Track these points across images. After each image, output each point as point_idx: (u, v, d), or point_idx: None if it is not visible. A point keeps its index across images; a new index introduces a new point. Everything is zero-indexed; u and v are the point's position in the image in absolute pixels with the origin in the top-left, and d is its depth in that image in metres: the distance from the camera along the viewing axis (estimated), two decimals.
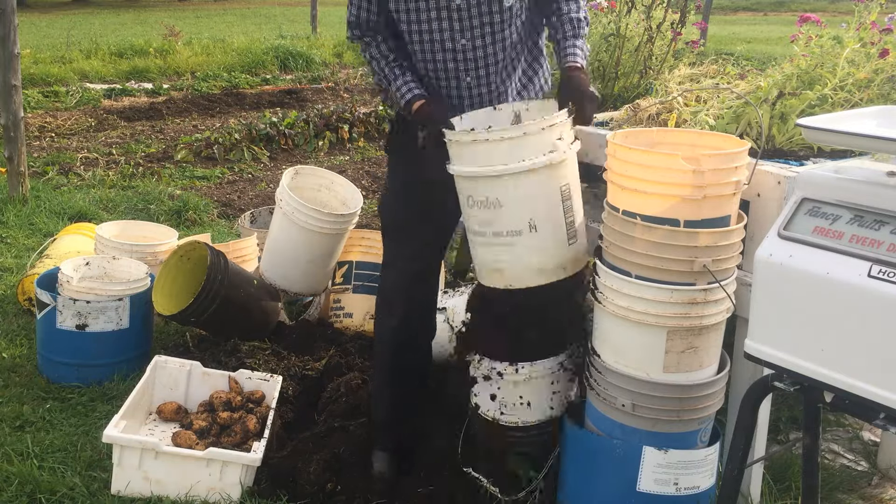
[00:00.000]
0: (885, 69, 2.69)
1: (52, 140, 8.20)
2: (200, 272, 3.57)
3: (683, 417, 2.28)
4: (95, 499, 2.71)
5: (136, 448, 2.70)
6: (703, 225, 2.13)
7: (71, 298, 3.39)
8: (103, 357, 3.47)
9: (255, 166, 7.47)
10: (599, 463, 2.39)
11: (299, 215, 3.84)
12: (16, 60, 5.66)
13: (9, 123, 5.70)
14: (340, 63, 13.90)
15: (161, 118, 9.45)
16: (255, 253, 4.31)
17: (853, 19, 2.79)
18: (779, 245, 1.73)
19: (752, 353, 1.79)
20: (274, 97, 10.71)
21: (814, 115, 2.20)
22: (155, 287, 3.60)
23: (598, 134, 2.87)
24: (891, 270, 1.56)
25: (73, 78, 11.22)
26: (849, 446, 3.15)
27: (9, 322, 4.02)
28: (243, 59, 13.00)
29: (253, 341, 3.69)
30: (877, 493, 2.86)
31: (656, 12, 3.41)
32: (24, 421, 3.16)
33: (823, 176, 1.74)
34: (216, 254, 3.60)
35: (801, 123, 1.76)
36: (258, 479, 2.79)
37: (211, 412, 3.08)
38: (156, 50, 13.11)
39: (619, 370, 2.30)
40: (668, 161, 2.11)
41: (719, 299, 2.21)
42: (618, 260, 2.26)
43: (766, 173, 2.33)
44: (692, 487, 2.33)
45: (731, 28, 20.64)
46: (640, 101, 3.01)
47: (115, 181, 6.70)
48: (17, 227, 5.37)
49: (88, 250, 4.09)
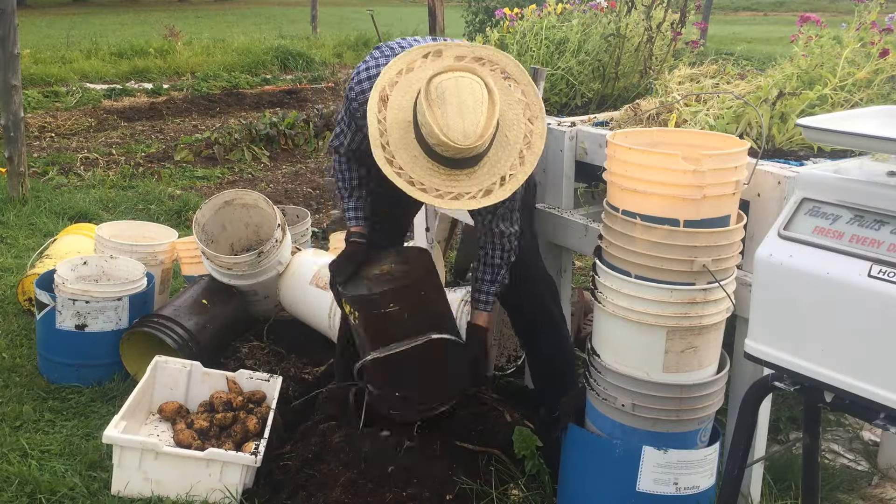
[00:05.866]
0: (885, 69, 2.69)
1: (52, 140, 8.20)
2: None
3: (683, 417, 2.28)
4: (95, 499, 2.71)
5: (136, 448, 2.70)
6: (703, 225, 2.14)
7: (70, 298, 3.38)
8: (103, 357, 3.46)
9: (255, 166, 7.47)
10: (599, 463, 2.39)
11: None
12: (16, 60, 5.67)
13: (9, 123, 5.70)
14: (340, 63, 13.92)
15: (161, 118, 9.45)
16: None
17: (853, 19, 2.79)
18: (779, 245, 1.73)
19: (752, 353, 1.79)
20: (274, 97, 10.72)
21: (814, 115, 2.20)
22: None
23: (598, 134, 2.88)
24: (891, 270, 1.55)
25: (73, 78, 11.23)
26: (849, 446, 3.15)
27: (9, 322, 4.02)
28: (243, 59, 13.02)
29: (253, 342, 3.69)
30: (877, 493, 2.86)
31: (656, 12, 3.40)
32: (24, 421, 3.16)
33: (823, 176, 1.74)
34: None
35: (801, 123, 1.76)
36: (258, 479, 2.79)
37: (211, 412, 3.07)
38: (156, 50, 13.13)
39: (619, 370, 2.30)
40: (667, 161, 2.11)
41: (719, 299, 2.21)
42: (617, 260, 2.26)
43: (766, 173, 2.34)
44: (692, 487, 2.33)
45: (731, 28, 20.66)
46: (640, 101, 3.01)
47: (116, 181, 6.71)
48: (17, 227, 5.37)
49: (88, 250, 4.09)
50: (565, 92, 3.34)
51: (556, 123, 3.00)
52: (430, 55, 2.35)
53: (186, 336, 3.47)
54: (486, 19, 13.91)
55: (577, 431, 2.47)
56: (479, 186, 2.27)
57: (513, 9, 3.69)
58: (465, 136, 2.16)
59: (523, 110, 2.31)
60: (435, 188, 2.26)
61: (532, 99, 2.32)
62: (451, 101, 2.16)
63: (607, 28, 3.36)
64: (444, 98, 2.16)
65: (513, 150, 2.29)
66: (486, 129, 2.17)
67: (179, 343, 3.42)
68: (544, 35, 3.39)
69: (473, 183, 2.27)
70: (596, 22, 3.46)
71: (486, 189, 2.27)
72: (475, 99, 2.16)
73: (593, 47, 3.33)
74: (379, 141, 2.27)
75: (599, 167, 2.42)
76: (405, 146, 2.27)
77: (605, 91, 3.41)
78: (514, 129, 2.30)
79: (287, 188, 6.70)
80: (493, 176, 2.28)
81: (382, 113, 2.28)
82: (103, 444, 2.80)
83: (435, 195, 2.26)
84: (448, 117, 2.16)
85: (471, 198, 2.26)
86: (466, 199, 2.26)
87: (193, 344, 3.46)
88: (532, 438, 2.71)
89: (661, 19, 3.42)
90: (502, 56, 2.35)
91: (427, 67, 2.32)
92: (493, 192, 2.27)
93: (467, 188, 2.26)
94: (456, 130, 2.15)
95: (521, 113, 2.31)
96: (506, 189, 2.28)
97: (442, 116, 2.16)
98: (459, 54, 2.36)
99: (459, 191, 2.26)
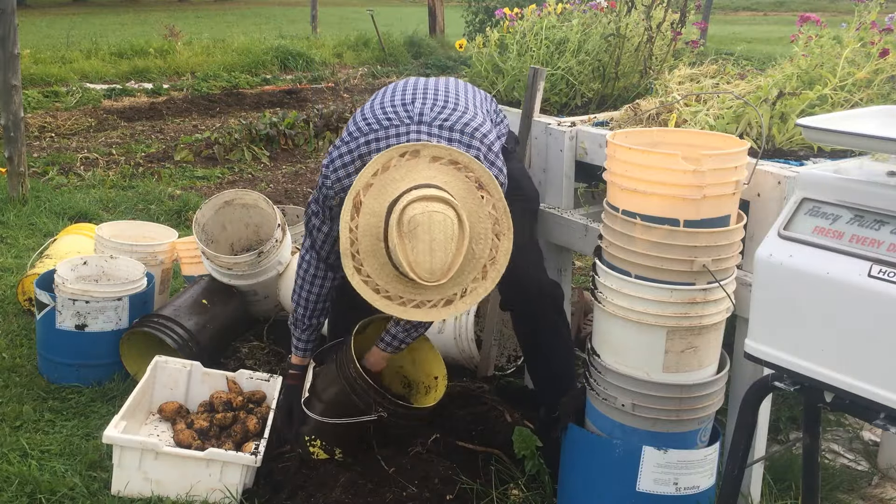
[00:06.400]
0: (885, 69, 2.69)
1: (52, 140, 8.20)
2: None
3: (683, 417, 2.29)
4: (95, 499, 2.71)
5: (136, 448, 2.70)
6: (703, 225, 2.14)
7: (70, 298, 3.38)
8: (103, 357, 3.46)
9: (255, 166, 7.46)
10: (599, 463, 2.39)
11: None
12: (16, 60, 5.67)
13: (9, 123, 5.70)
14: (340, 63, 13.92)
15: (161, 118, 9.45)
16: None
17: (853, 19, 2.79)
18: (779, 245, 1.73)
19: (752, 353, 1.79)
20: (274, 97, 10.71)
21: (814, 115, 2.20)
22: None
23: (598, 134, 2.88)
24: (891, 270, 1.55)
25: (73, 78, 11.22)
26: (849, 446, 3.15)
27: (9, 322, 4.02)
28: (243, 59, 13.01)
29: (252, 342, 3.69)
30: (877, 493, 2.86)
31: (656, 12, 3.40)
32: (24, 421, 3.16)
33: (823, 176, 1.74)
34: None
35: (801, 123, 1.76)
36: (258, 479, 2.79)
37: (211, 412, 3.07)
38: (156, 50, 13.12)
39: (619, 370, 2.30)
40: (667, 161, 2.11)
41: (719, 299, 2.21)
42: (617, 260, 2.26)
43: (766, 173, 2.34)
44: (692, 487, 2.33)
45: (731, 28, 20.67)
46: (640, 101, 3.01)
47: (116, 181, 6.70)
48: (17, 227, 5.36)
49: (88, 250, 4.09)
50: (565, 92, 3.34)
51: (556, 123, 3.01)
52: (406, 155, 2.34)
53: (186, 336, 3.47)
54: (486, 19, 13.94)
55: (577, 431, 2.47)
56: (442, 296, 2.32)
57: (513, 9, 3.69)
58: (431, 273, 2.21)
59: (492, 225, 2.33)
60: (399, 295, 2.32)
61: (501, 215, 2.33)
62: (422, 237, 2.19)
63: (607, 28, 3.36)
64: (415, 234, 2.19)
65: (477, 265, 2.33)
66: (453, 266, 2.23)
67: (179, 343, 3.42)
68: (544, 35, 3.39)
69: (437, 292, 2.31)
70: (596, 22, 3.46)
71: (447, 299, 2.33)
72: (446, 236, 2.20)
73: (593, 47, 3.33)
74: (349, 250, 2.30)
75: (599, 167, 2.42)
76: (374, 253, 2.30)
77: (605, 91, 3.41)
78: (480, 244, 2.33)
79: (287, 188, 6.70)
80: (455, 287, 2.32)
81: (355, 220, 2.29)
82: (103, 444, 2.80)
83: (398, 303, 2.32)
84: (417, 253, 2.20)
85: (432, 306, 2.33)
86: (427, 308, 2.33)
87: (193, 344, 3.46)
88: (532, 438, 2.72)
89: (661, 19, 3.42)
90: (478, 166, 2.34)
91: (402, 168, 2.32)
92: (454, 303, 2.34)
93: (430, 296, 2.32)
94: (423, 268, 2.21)
95: (489, 227, 2.33)
96: (465, 302, 2.34)
97: (412, 251, 2.20)
98: (436, 155, 2.35)
99: (423, 298, 2.32)
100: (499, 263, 2.34)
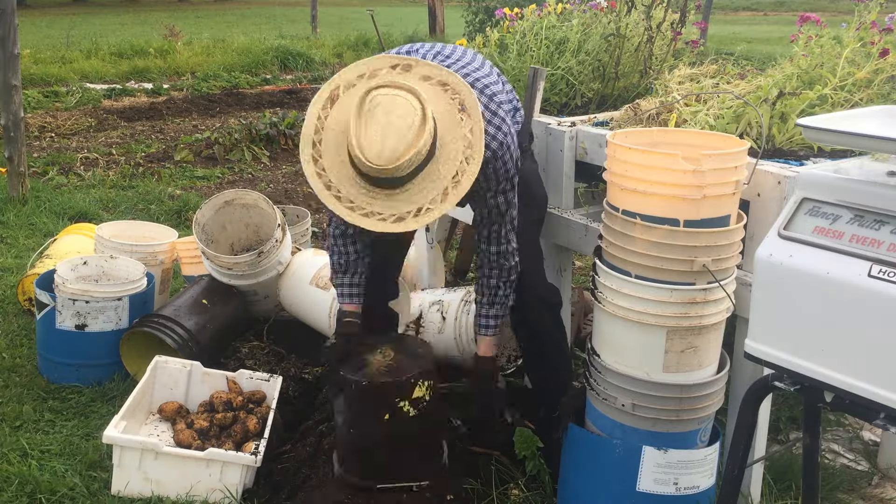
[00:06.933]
0: (885, 69, 2.69)
1: (52, 140, 8.20)
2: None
3: (683, 417, 2.28)
4: (95, 499, 2.71)
5: (136, 448, 2.70)
6: (703, 225, 2.14)
7: (70, 298, 3.38)
8: (103, 357, 3.46)
9: (255, 166, 7.47)
10: (599, 463, 2.39)
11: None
12: (16, 60, 5.67)
13: (9, 123, 5.70)
14: (341, 63, 13.91)
15: (161, 118, 9.45)
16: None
17: (853, 19, 2.79)
18: (779, 245, 1.73)
19: (752, 353, 1.79)
20: (274, 97, 10.72)
21: (814, 115, 2.20)
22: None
23: (598, 134, 2.88)
24: (891, 270, 1.55)
25: (73, 78, 11.23)
26: (849, 446, 3.15)
27: (9, 322, 4.02)
28: (243, 59, 13.02)
29: (253, 342, 3.69)
30: (877, 493, 2.86)
31: (656, 12, 3.40)
32: (24, 421, 3.17)
33: (823, 176, 1.74)
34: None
35: (801, 123, 1.76)
36: (258, 479, 2.79)
37: (211, 412, 3.08)
38: (156, 50, 13.13)
39: (619, 370, 2.30)
40: (667, 161, 2.11)
41: (719, 299, 2.21)
42: (617, 260, 2.26)
43: (766, 173, 2.34)
44: (692, 487, 2.33)
45: (731, 28, 20.66)
46: (640, 101, 3.01)
47: (116, 181, 6.70)
48: (17, 227, 5.37)
49: (88, 250, 4.09)
50: (565, 92, 3.34)
51: (556, 123, 3.01)
52: (398, 67, 2.27)
53: (186, 336, 3.46)
54: (486, 19, 13.94)
55: (577, 431, 2.47)
56: (393, 211, 2.19)
57: (513, 9, 3.69)
58: (378, 157, 2.09)
59: (464, 148, 2.23)
60: (350, 199, 2.20)
61: (476, 139, 2.23)
62: (379, 118, 2.10)
63: (607, 28, 3.36)
64: (373, 113, 2.10)
65: (439, 185, 2.21)
66: (403, 156, 2.10)
67: (179, 343, 3.42)
68: (544, 35, 3.39)
69: (388, 206, 2.19)
70: (596, 22, 3.45)
71: (398, 216, 2.19)
72: (404, 123, 2.10)
73: (593, 47, 3.33)
74: (312, 137, 2.20)
75: (599, 167, 2.42)
76: (336, 148, 2.20)
77: (605, 91, 3.40)
78: (448, 165, 2.22)
79: (287, 188, 6.70)
80: (409, 205, 2.19)
81: (326, 111, 2.21)
82: (103, 444, 2.80)
83: (347, 206, 2.19)
84: (369, 134, 2.10)
85: (380, 219, 2.18)
86: (375, 220, 2.18)
87: (193, 344, 3.46)
88: (533, 439, 2.71)
89: (661, 19, 3.42)
90: (465, 88, 2.28)
91: (389, 77, 2.23)
92: (406, 220, 2.18)
93: (380, 209, 2.19)
94: (371, 150, 2.10)
95: (461, 149, 2.23)
96: (419, 220, 2.18)
97: (365, 131, 2.10)
98: (427, 74, 2.28)
99: (372, 209, 2.19)
100: (462, 186, 2.21)
